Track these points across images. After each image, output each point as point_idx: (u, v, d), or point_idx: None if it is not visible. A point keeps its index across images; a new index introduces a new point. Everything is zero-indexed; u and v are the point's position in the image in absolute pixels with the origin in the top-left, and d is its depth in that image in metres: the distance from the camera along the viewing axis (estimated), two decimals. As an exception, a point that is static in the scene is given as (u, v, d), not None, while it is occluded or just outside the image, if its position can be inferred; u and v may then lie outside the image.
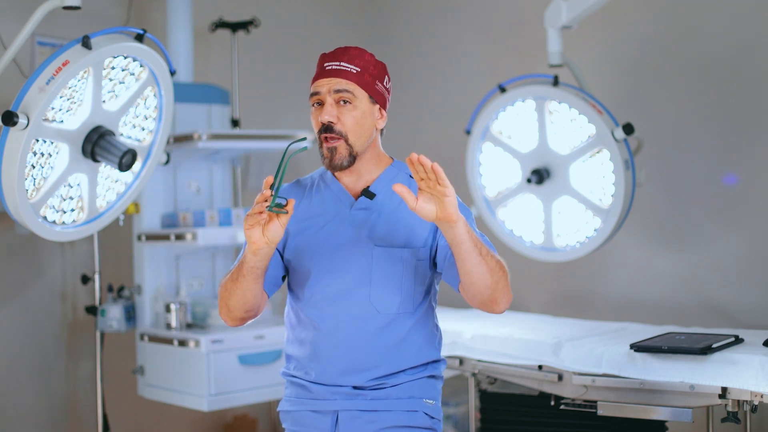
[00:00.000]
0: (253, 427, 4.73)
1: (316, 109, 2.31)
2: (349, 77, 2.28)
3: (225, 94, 4.40)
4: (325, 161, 2.30)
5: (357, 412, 2.29)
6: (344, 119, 2.28)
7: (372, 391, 2.30)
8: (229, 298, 2.27)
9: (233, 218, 4.07)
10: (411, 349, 2.31)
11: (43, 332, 4.20)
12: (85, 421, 4.29)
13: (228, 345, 3.87)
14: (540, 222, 3.83)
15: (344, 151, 2.28)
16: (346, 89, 2.28)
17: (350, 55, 2.31)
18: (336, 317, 2.29)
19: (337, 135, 2.27)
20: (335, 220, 2.33)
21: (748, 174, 3.82)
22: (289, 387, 2.41)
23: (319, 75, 2.31)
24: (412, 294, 2.30)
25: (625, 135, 3.52)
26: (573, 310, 3.93)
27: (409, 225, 2.30)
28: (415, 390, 2.33)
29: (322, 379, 2.31)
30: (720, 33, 3.89)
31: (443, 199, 2.04)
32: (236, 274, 2.23)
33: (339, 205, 2.34)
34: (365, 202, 2.33)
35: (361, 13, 5.35)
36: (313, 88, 2.31)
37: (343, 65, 2.29)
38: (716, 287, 3.88)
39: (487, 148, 3.92)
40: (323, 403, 2.32)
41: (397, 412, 2.30)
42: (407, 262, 2.29)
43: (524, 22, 4.56)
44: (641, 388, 3.01)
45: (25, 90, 2.99)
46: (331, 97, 2.28)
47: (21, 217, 3.11)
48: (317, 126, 2.30)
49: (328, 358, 2.30)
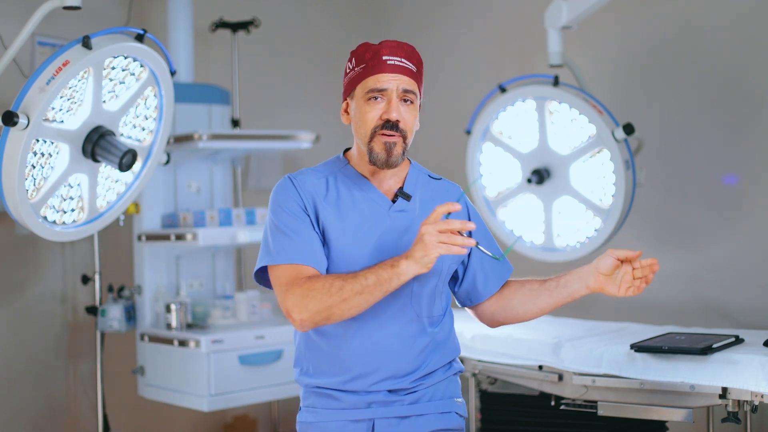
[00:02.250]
0: (253, 427, 4.73)
1: (373, 102, 2.19)
2: (412, 76, 2.22)
3: (225, 94, 4.40)
4: (380, 156, 2.18)
5: (394, 420, 2.22)
6: (407, 119, 2.20)
7: (407, 395, 2.24)
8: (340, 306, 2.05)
9: (233, 218, 4.07)
10: (443, 350, 2.29)
11: (44, 332, 4.20)
12: (85, 421, 4.29)
13: (228, 345, 3.87)
14: (540, 222, 3.83)
15: (400, 149, 2.19)
16: (412, 90, 2.21)
17: (407, 51, 2.23)
18: (377, 320, 2.19)
19: (399, 133, 2.19)
20: (371, 220, 2.22)
21: (748, 174, 3.82)
22: (311, 396, 2.28)
23: (380, 69, 2.18)
24: (442, 295, 2.30)
25: (625, 135, 3.52)
26: (573, 310, 3.92)
27: None
28: (447, 389, 2.31)
29: (356, 387, 2.21)
30: (720, 33, 3.89)
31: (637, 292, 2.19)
32: (373, 289, 2.03)
33: (373, 205, 2.24)
34: (403, 203, 2.26)
35: (362, 13, 5.35)
36: (376, 84, 2.18)
37: (404, 62, 2.21)
38: (716, 287, 3.88)
39: (487, 148, 3.93)
40: (357, 412, 2.22)
41: (432, 415, 2.26)
42: (444, 267, 2.26)
43: (524, 22, 4.56)
44: (641, 388, 3.01)
45: (25, 90, 2.99)
46: (398, 95, 2.19)
47: (21, 217, 3.11)
48: (373, 121, 2.18)
49: (365, 363, 2.20)
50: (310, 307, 2.07)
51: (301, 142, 4.22)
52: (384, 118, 2.17)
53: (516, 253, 3.88)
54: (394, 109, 2.17)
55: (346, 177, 2.27)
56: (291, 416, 4.86)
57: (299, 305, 2.08)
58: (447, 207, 1.99)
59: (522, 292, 2.33)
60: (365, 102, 2.19)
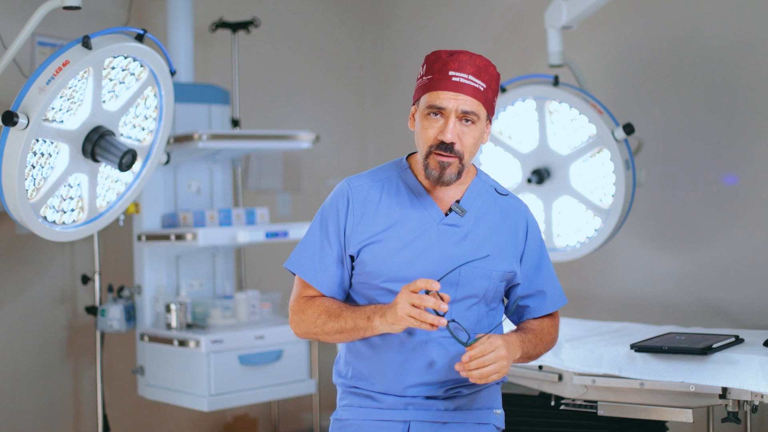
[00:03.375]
0: (253, 427, 4.73)
1: (432, 119, 2.16)
2: (477, 96, 2.15)
3: (225, 94, 4.40)
4: (432, 174, 2.17)
5: (429, 424, 2.22)
6: (465, 140, 2.16)
7: (445, 401, 2.23)
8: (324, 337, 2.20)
9: (233, 218, 4.07)
10: None
11: (44, 332, 4.19)
12: (85, 421, 4.29)
13: (228, 345, 3.87)
14: (540, 222, 3.82)
15: (455, 169, 2.17)
16: (473, 111, 2.15)
17: (478, 67, 2.17)
18: (418, 336, 2.19)
19: (454, 155, 2.15)
20: (419, 230, 2.21)
21: (748, 174, 3.82)
22: (348, 396, 2.29)
23: (443, 85, 2.15)
24: (492, 312, 2.28)
25: (625, 135, 3.52)
26: (573, 310, 3.92)
27: (499, 246, 2.25)
28: (486, 400, 2.29)
29: (392, 390, 2.22)
30: (720, 33, 3.89)
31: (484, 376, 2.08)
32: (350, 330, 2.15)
33: (424, 216, 2.23)
34: (455, 218, 2.23)
35: (362, 13, 5.35)
36: (435, 101, 2.15)
37: (471, 80, 2.15)
38: (716, 287, 3.88)
39: (487, 148, 3.93)
40: (394, 413, 2.22)
41: (468, 424, 2.25)
42: (492, 283, 2.24)
43: (524, 22, 4.56)
44: (641, 388, 3.00)
45: (25, 90, 2.99)
46: (456, 115, 2.15)
47: (21, 217, 3.11)
48: (430, 139, 2.16)
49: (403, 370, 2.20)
50: (301, 328, 2.25)
51: (301, 142, 4.22)
52: (439, 138, 2.15)
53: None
54: (450, 130, 2.14)
55: (404, 183, 2.27)
56: (291, 416, 4.86)
57: (294, 322, 2.26)
58: (427, 284, 2.01)
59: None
60: (425, 116, 2.18)
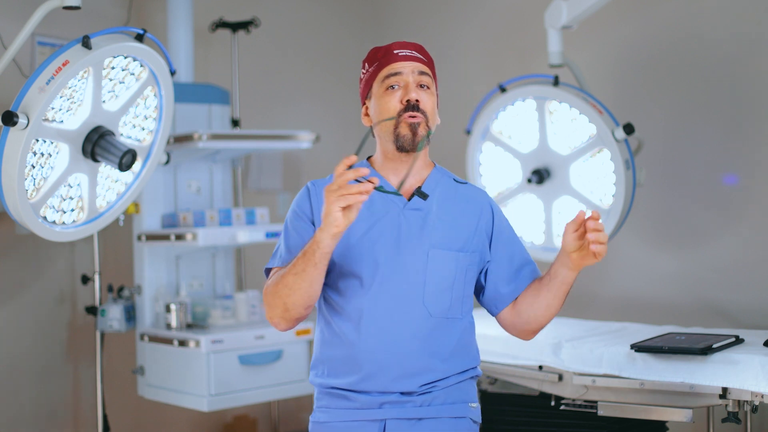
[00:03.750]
0: (253, 427, 4.73)
1: (391, 91, 2.23)
2: (426, 65, 2.26)
3: (225, 94, 4.40)
4: (406, 138, 2.21)
5: (406, 421, 2.22)
6: (425, 102, 2.23)
7: (420, 397, 2.23)
8: (289, 296, 2.12)
9: (233, 218, 4.07)
10: (461, 353, 2.28)
11: (43, 332, 4.20)
12: (85, 421, 4.29)
13: (228, 345, 3.87)
14: (540, 222, 3.83)
15: (424, 131, 2.22)
16: (427, 73, 2.25)
17: (417, 47, 2.28)
18: (387, 317, 2.20)
19: (421, 113, 2.21)
20: (385, 219, 2.25)
21: (748, 174, 3.82)
22: (324, 397, 2.29)
23: (393, 58, 2.24)
24: (461, 298, 2.28)
25: (625, 135, 3.52)
26: (573, 310, 3.92)
27: (465, 230, 2.29)
28: (461, 393, 2.30)
29: (368, 387, 2.22)
30: (720, 33, 3.89)
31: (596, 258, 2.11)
32: (302, 266, 2.08)
33: (389, 204, 2.26)
34: (418, 202, 2.27)
35: (362, 13, 5.35)
36: (390, 69, 2.23)
37: (416, 53, 2.26)
38: (716, 287, 3.88)
39: (487, 148, 3.93)
40: (369, 412, 2.22)
41: (444, 419, 2.25)
42: (460, 266, 2.26)
43: (524, 22, 4.56)
44: (641, 388, 3.00)
45: (25, 90, 2.99)
46: (414, 78, 2.23)
47: (21, 217, 3.11)
48: (395, 107, 2.22)
49: (376, 361, 2.20)
50: (272, 306, 2.17)
51: (301, 142, 4.22)
52: (404, 101, 2.21)
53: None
54: (412, 89, 2.21)
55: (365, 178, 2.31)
56: (291, 416, 4.86)
57: (267, 308, 2.20)
58: (347, 159, 1.97)
59: (527, 294, 2.33)
60: (384, 93, 2.24)
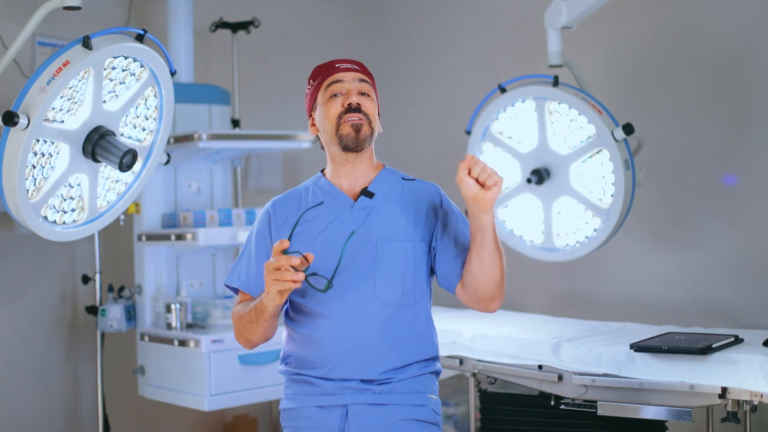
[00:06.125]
0: (253, 427, 4.73)
1: (334, 99, 2.37)
2: (366, 76, 2.42)
3: (225, 94, 4.40)
4: (350, 137, 2.35)
5: (367, 406, 2.31)
6: (367, 106, 2.37)
7: (380, 386, 2.32)
8: (249, 334, 2.36)
9: (233, 218, 4.07)
10: (416, 341, 2.37)
11: (44, 332, 4.20)
12: (85, 421, 4.29)
13: (228, 345, 3.87)
14: (540, 222, 3.83)
15: (367, 130, 2.36)
16: (367, 81, 2.40)
17: (358, 62, 2.43)
18: (343, 311, 2.32)
19: (362, 114, 2.35)
20: (336, 222, 2.37)
21: (748, 174, 3.82)
22: (291, 385, 2.42)
23: (335, 70, 2.39)
24: (413, 286, 2.36)
25: (625, 135, 3.52)
26: (573, 310, 3.93)
27: (409, 221, 2.38)
28: (420, 386, 2.37)
29: (331, 374, 2.33)
30: (720, 33, 3.89)
31: (495, 187, 2.19)
32: (255, 317, 2.30)
33: (338, 207, 2.39)
34: (365, 201, 2.39)
35: (361, 13, 5.35)
36: (333, 79, 2.38)
37: (356, 66, 2.41)
38: (716, 287, 3.88)
39: (487, 149, 3.93)
40: (332, 398, 2.33)
41: (405, 405, 2.34)
42: (408, 256, 2.36)
43: (524, 22, 4.56)
44: (641, 388, 3.01)
45: (25, 90, 2.99)
46: (355, 86, 2.37)
47: (21, 217, 3.11)
48: (338, 111, 2.36)
49: (338, 352, 2.31)
50: (236, 333, 2.42)
51: (301, 142, 4.22)
52: (345, 105, 2.35)
53: (516, 252, 3.89)
54: (353, 94, 2.36)
55: (318, 188, 2.45)
56: (291, 416, 4.86)
57: (235, 331, 2.43)
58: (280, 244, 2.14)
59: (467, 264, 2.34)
60: (327, 100, 2.38)
